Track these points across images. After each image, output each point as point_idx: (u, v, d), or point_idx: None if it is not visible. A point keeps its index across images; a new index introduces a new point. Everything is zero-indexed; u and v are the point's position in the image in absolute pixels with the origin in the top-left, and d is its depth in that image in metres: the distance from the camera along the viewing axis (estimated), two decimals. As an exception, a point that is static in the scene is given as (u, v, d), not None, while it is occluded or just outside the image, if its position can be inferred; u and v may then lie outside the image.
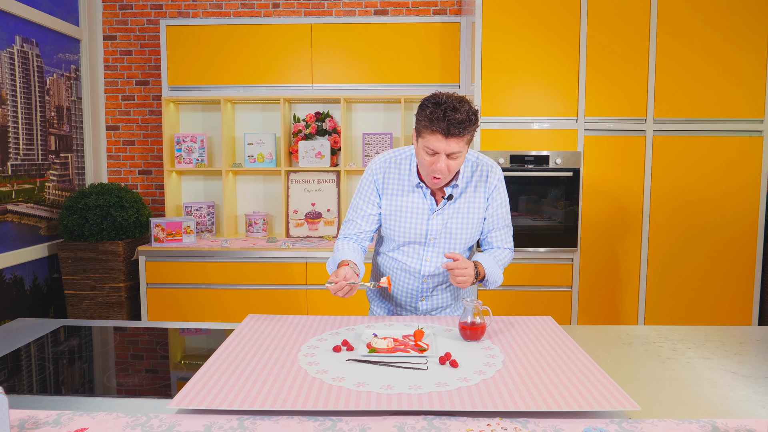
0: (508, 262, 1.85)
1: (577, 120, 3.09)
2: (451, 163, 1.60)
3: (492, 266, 1.74)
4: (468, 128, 1.55)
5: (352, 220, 1.82)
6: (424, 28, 3.46)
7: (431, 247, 1.76)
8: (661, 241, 3.14)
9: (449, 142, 1.55)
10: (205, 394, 1.19)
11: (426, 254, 1.77)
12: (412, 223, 1.74)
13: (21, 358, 1.56)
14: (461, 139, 1.56)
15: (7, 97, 3.00)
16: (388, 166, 1.77)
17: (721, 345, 1.69)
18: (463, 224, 1.75)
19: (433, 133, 1.56)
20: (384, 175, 1.77)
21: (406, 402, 1.16)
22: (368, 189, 1.79)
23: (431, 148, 1.58)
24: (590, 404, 1.15)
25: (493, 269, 1.74)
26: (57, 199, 3.42)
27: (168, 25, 3.49)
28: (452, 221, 1.74)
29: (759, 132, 3.09)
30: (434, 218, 1.74)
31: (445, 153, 1.57)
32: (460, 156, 1.60)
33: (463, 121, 1.53)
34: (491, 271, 1.73)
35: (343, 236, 1.84)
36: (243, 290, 3.25)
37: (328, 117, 3.67)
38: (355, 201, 1.82)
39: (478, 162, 1.78)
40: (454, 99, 1.56)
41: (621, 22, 3.04)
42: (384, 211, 1.78)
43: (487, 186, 1.76)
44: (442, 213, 1.74)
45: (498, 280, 1.77)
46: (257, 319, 1.74)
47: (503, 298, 3.16)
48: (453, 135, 1.54)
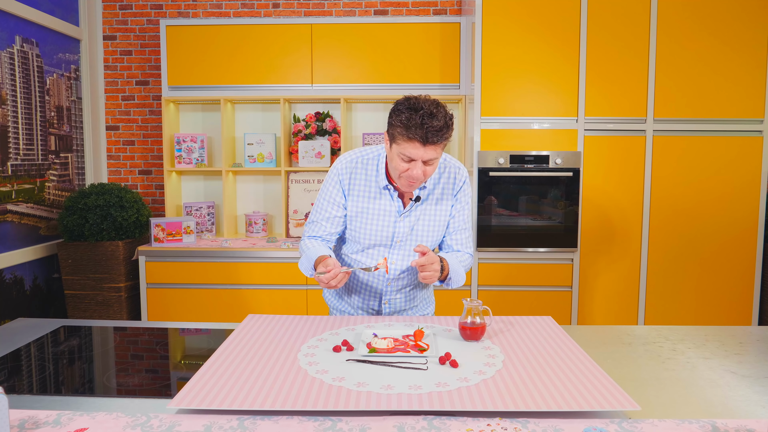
0: (469, 265, 1.82)
1: (577, 120, 3.09)
2: (428, 169, 1.58)
3: (455, 264, 1.71)
4: (446, 135, 1.53)
5: (316, 222, 1.77)
6: (424, 28, 3.46)
7: (397, 250, 1.74)
8: (662, 241, 3.14)
9: (427, 150, 1.52)
10: (205, 394, 1.19)
11: (391, 257, 1.75)
12: (378, 226, 1.71)
13: (21, 358, 1.56)
14: (439, 146, 1.54)
15: (7, 97, 3.00)
16: (355, 167, 1.73)
17: (721, 345, 1.69)
18: (430, 226, 1.74)
19: (410, 141, 1.52)
20: (350, 176, 1.72)
21: (406, 402, 1.16)
22: (333, 190, 1.74)
23: (408, 155, 1.54)
24: (590, 404, 1.15)
25: (457, 267, 1.71)
26: (57, 199, 3.42)
27: (168, 25, 3.49)
28: (419, 223, 1.73)
29: (759, 132, 3.09)
30: (401, 221, 1.71)
31: (422, 160, 1.55)
32: (436, 161, 1.59)
33: (441, 128, 1.50)
34: (455, 268, 1.70)
35: (309, 236, 1.79)
36: (243, 290, 3.25)
37: (328, 117, 3.67)
38: (319, 202, 1.77)
39: (446, 163, 1.76)
40: (431, 104, 1.52)
41: (621, 22, 3.04)
42: (350, 212, 1.74)
43: (455, 188, 1.76)
44: (409, 215, 1.72)
45: (460, 281, 1.74)
46: (257, 319, 1.74)
47: (503, 298, 3.16)
48: (431, 143, 1.51)
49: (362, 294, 1.84)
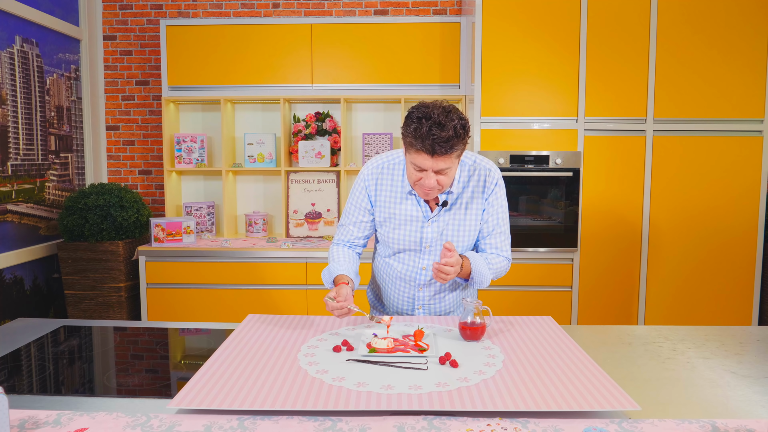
0: (502, 270, 1.76)
1: (577, 120, 3.09)
2: (441, 178, 1.53)
3: (481, 265, 1.67)
4: (456, 145, 1.47)
5: (344, 226, 1.79)
6: (424, 28, 3.46)
7: (427, 255, 1.71)
8: (661, 241, 3.14)
9: (436, 161, 1.48)
10: (205, 394, 1.19)
11: (422, 262, 1.72)
12: (406, 231, 1.69)
13: (21, 358, 1.56)
14: (449, 156, 1.48)
15: (7, 97, 3.00)
16: (381, 172, 1.71)
17: (721, 345, 1.69)
18: (460, 231, 1.70)
19: (418, 152, 1.49)
20: (377, 182, 1.72)
21: (406, 402, 1.16)
22: (360, 196, 1.74)
23: (418, 165, 1.52)
24: (590, 404, 1.15)
25: (482, 269, 1.67)
26: (57, 199, 3.42)
27: (168, 25, 3.49)
28: (448, 228, 1.69)
29: (759, 132, 3.09)
30: (429, 225, 1.68)
31: (433, 170, 1.52)
32: (450, 171, 1.53)
33: (449, 139, 1.45)
34: (479, 269, 1.66)
35: (336, 242, 1.81)
36: (243, 290, 3.25)
37: (328, 117, 3.67)
38: (348, 207, 1.78)
39: (476, 165, 1.70)
40: (441, 113, 1.47)
41: (621, 21, 3.04)
42: (378, 218, 1.74)
43: (485, 191, 1.70)
44: (437, 220, 1.69)
45: (483, 282, 1.70)
46: (257, 319, 1.74)
47: (503, 298, 3.16)
48: (439, 154, 1.47)
49: (396, 297, 1.81)
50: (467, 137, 1.52)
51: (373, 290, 1.96)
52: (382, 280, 1.85)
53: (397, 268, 1.77)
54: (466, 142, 1.53)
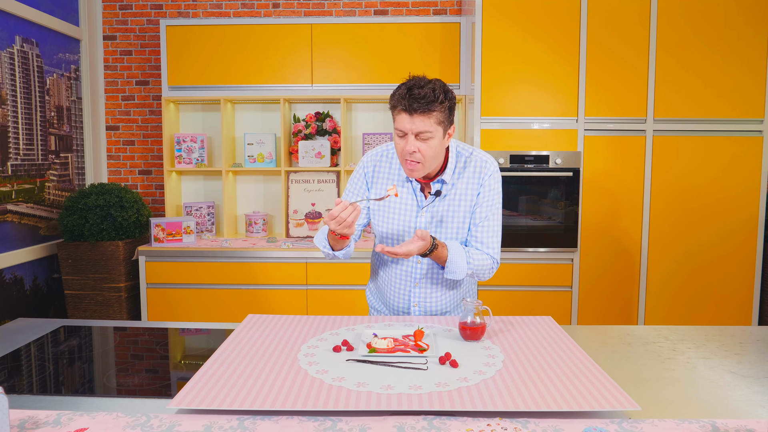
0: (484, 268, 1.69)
1: (577, 120, 3.09)
2: (422, 145, 1.53)
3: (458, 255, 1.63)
4: (432, 105, 1.49)
5: None
6: (424, 28, 3.46)
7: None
8: (661, 241, 3.14)
9: (414, 120, 1.51)
10: (205, 394, 1.19)
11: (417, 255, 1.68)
12: (400, 219, 1.70)
13: (21, 358, 1.56)
14: (427, 116, 1.50)
15: (7, 97, 3.00)
16: (379, 160, 1.75)
17: (721, 345, 1.69)
18: (453, 220, 1.69)
19: (399, 113, 1.54)
20: (374, 168, 1.75)
21: (406, 402, 1.15)
22: (358, 182, 1.77)
23: (400, 129, 1.55)
24: (590, 404, 1.15)
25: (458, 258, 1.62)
26: (57, 199, 3.42)
27: (168, 25, 3.49)
28: (442, 218, 1.69)
29: (759, 132, 3.09)
30: (423, 215, 1.69)
31: (413, 133, 1.53)
32: (432, 139, 1.53)
33: (425, 96, 1.48)
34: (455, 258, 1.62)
35: None
36: (243, 290, 3.25)
37: (328, 117, 3.67)
38: (345, 194, 1.80)
39: (472, 157, 1.70)
40: (423, 78, 1.53)
41: (621, 21, 3.04)
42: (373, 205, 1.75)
43: (480, 181, 1.69)
44: (430, 210, 1.69)
45: (458, 272, 1.63)
46: (257, 319, 1.74)
47: (503, 298, 3.16)
48: (417, 111, 1.49)
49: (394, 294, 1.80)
50: (448, 102, 1.54)
51: (371, 291, 1.96)
52: (380, 278, 1.85)
53: (392, 264, 1.77)
54: (445, 109, 1.54)
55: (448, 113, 1.56)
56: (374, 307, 1.94)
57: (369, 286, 1.99)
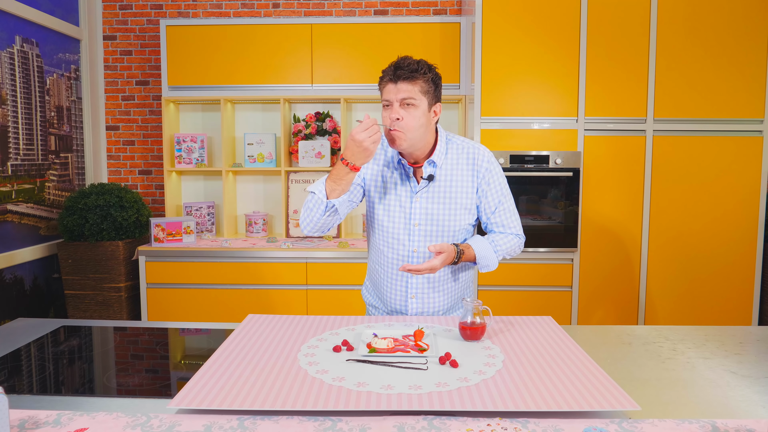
0: (513, 248, 1.77)
1: (577, 120, 3.09)
2: (405, 114, 1.59)
3: (484, 248, 1.70)
4: (416, 73, 1.58)
5: None
6: (424, 28, 3.46)
7: (417, 236, 1.72)
8: (661, 241, 3.14)
9: (399, 87, 1.58)
10: (205, 394, 1.19)
11: (412, 244, 1.72)
12: (394, 207, 1.72)
13: (21, 358, 1.56)
14: (411, 83, 1.58)
15: (7, 97, 3.00)
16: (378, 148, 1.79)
17: (721, 345, 1.69)
18: (449, 208, 1.70)
19: (385, 85, 1.62)
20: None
21: (406, 402, 1.15)
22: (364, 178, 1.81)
23: (386, 99, 1.62)
24: (590, 404, 1.15)
25: (486, 252, 1.70)
26: (57, 199, 3.42)
27: (168, 25, 3.49)
28: (436, 206, 1.70)
29: (759, 132, 3.09)
30: (417, 200, 1.71)
31: (397, 100, 1.59)
32: (415, 108, 1.59)
33: (409, 65, 1.57)
34: (484, 253, 1.69)
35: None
36: (243, 290, 3.25)
37: (328, 117, 3.67)
38: None
39: (464, 145, 1.74)
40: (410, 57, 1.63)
41: (621, 21, 3.04)
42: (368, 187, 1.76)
43: (476, 169, 1.71)
44: (423, 196, 1.71)
45: (491, 265, 1.72)
46: (257, 319, 1.74)
47: (503, 298, 3.16)
48: (401, 78, 1.57)
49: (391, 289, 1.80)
50: (431, 74, 1.62)
51: (368, 288, 1.95)
52: (377, 273, 1.84)
53: (388, 255, 1.76)
54: (431, 80, 1.62)
55: (433, 87, 1.63)
56: (371, 304, 1.93)
57: (365, 284, 1.98)
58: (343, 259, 3.22)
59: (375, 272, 1.86)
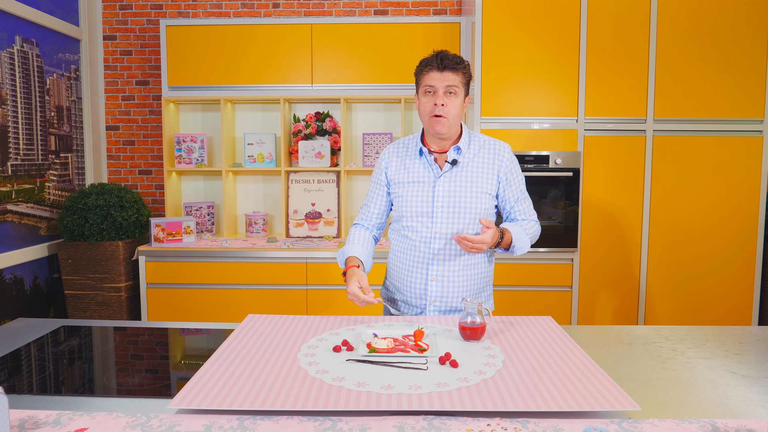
0: (536, 233, 1.89)
1: (577, 120, 3.09)
2: (447, 101, 1.70)
3: (519, 233, 1.79)
4: (460, 65, 1.71)
5: (365, 205, 1.95)
6: (424, 28, 3.46)
7: (440, 219, 1.77)
8: (661, 241, 3.14)
9: (444, 75, 1.70)
10: (205, 394, 1.19)
11: (435, 226, 1.78)
12: (418, 191, 1.79)
13: (21, 358, 1.56)
14: (455, 73, 1.70)
15: (7, 97, 3.00)
16: (397, 148, 1.90)
17: (721, 345, 1.69)
18: (471, 193, 1.78)
19: (428, 72, 1.72)
20: (394, 155, 1.89)
21: (406, 402, 1.16)
22: (379, 174, 1.91)
23: (429, 85, 1.71)
24: (590, 404, 1.15)
25: (521, 236, 1.79)
26: (57, 199, 3.42)
27: (168, 25, 3.49)
28: (459, 189, 1.77)
29: (759, 132, 3.09)
30: (440, 185, 1.78)
31: (442, 86, 1.70)
32: (456, 96, 1.71)
33: (454, 57, 1.70)
34: (519, 236, 1.78)
35: (356, 222, 1.97)
36: (243, 290, 3.25)
37: (328, 117, 3.67)
38: (369, 189, 1.96)
39: (486, 140, 1.85)
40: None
41: (621, 21, 3.04)
42: (393, 187, 1.86)
43: (497, 160, 1.81)
44: (447, 180, 1.78)
45: (524, 248, 1.82)
46: (257, 319, 1.74)
47: (503, 298, 3.16)
48: (447, 68, 1.69)
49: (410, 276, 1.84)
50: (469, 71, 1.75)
51: (387, 287, 1.98)
52: (399, 260, 1.87)
53: (413, 238, 1.81)
54: (468, 73, 1.75)
55: (468, 81, 1.76)
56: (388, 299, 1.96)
57: (384, 283, 2.02)
58: (343, 259, 3.22)
59: (397, 260, 1.89)
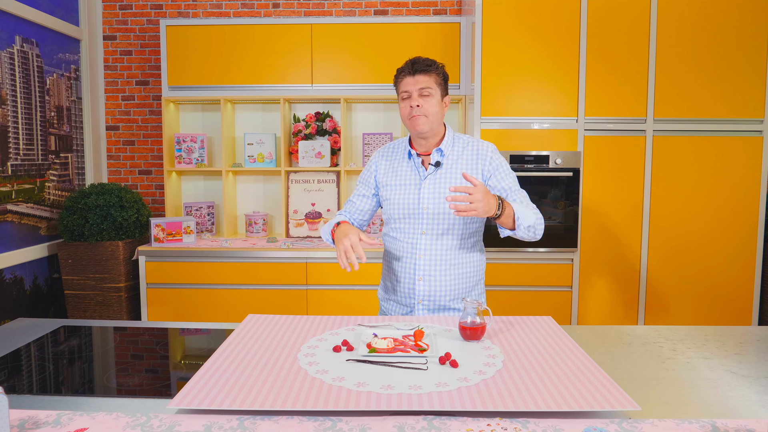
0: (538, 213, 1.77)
1: (577, 120, 3.09)
2: (423, 102, 1.76)
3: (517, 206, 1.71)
4: (432, 67, 1.77)
5: (351, 201, 1.98)
6: (424, 28, 3.46)
7: (425, 219, 1.80)
8: (661, 241, 3.14)
9: (417, 78, 1.76)
10: (205, 394, 1.19)
11: (421, 227, 1.81)
12: (404, 192, 1.84)
13: (21, 358, 1.56)
14: (427, 75, 1.76)
15: (7, 97, 3.00)
16: (386, 150, 1.96)
17: (721, 345, 1.69)
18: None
19: (403, 78, 1.79)
20: (382, 158, 1.95)
21: (406, 402, 1.15)
22: (368, 173, 1.96)
23: (404, 91, 1.78)
24: (590, 404, 1.15)
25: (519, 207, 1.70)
26: (57, 199, 3.42)
27: (168, 25, 3.49)
28: (443, 191, 1.80)
29: (759, 132, 3.09)
30: (425, 186, 1.81)
31: (416, 90, 1.76)
32: (431, 96, 1.76)
33: (425, 60, 1.77)
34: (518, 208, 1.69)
35: (338, 212, 2.00)
36: (243, 290, 3.25)
37: (328, 117, 3.67)
38: (356, 188, 2.00)
39: (469, 141, 1.88)
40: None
41: (621, 21, 3.04)
42: (381, 189, 1.91)
43: (480, 159, 1.82)
44: (432, 181, 1.81)
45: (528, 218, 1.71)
46: (257, 319, 1.74)
47: (503, 298, 3.16)
48: (418, 71, 1.76)
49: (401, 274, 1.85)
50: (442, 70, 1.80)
51: (381, 287, 2.01)
52: (390, 262, 1.91)
53: (399, 239, 1.86)
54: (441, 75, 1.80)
55: (443, 81, 1.81)
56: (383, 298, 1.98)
57: (380, 285, 2.05)
58: (343, 259, 3.22)
59: (387, 261, 1.93)
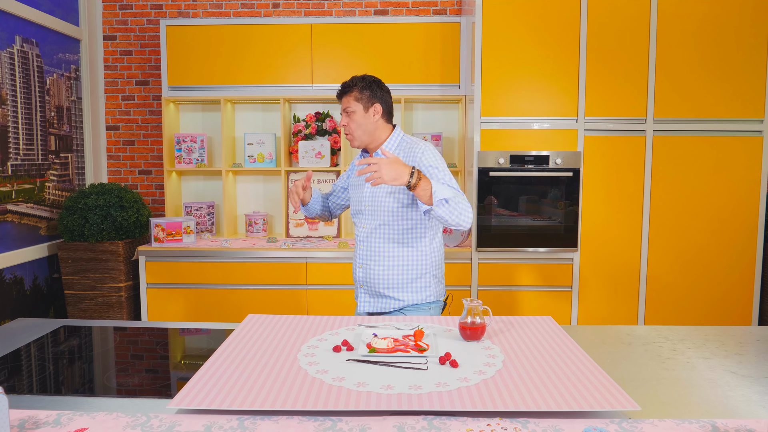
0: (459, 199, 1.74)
1: (577, 120, 3.09)
2: (347, 120, 1.98)
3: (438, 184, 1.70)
4: (348, 89, 1.97)
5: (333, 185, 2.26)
6: (424, 28, 3.46)
7: (367, 215, 2.00)
8: (661, 241, 3.14)
9: (342, 101, 2.00)
10: (205, 394, 1.19)
11: (363, 222, 2.02)
12: (356, 193, 2.06)
13: (21, 358, 1.56)
14: (347, 96, 1.97)
15: (7, 97, 3.00)
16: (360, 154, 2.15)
17: (721, 345, 1.69)
18: (384, 193, 1.94)
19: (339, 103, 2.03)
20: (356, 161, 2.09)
21: (406, 402, 1.16)
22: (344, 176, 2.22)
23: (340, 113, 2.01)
24: (590, 404, 1.15)
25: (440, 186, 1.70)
26: (57, 199, 3.42)
27: (168, 25, 3.49)
28: (377, 190, 1.96)
29: (759, 132, 3.09)
30: (367, 187, 1.99)
31: (342, 111, 1.99)
32: (354, 113, 1.96)
33: (343, 85, 1.99)
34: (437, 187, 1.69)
35: None
36: (243, 290, 3.25)
37: (328, 117, 3.67)
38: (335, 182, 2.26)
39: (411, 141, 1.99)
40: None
41: (621, 21, 3.04)
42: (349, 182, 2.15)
43: (409, 159, 1.93)
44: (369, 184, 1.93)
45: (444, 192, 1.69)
46: (257, 319, 1.74)
47: (503, 298, 3.16)
48: (341, 96, 2.00)
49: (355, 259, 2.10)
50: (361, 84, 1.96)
51: None
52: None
53: (356, 233, 2.10)
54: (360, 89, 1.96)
55: (366, 93, 1.96)
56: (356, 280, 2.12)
57: None
58: (342, 259, 3.22)
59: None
